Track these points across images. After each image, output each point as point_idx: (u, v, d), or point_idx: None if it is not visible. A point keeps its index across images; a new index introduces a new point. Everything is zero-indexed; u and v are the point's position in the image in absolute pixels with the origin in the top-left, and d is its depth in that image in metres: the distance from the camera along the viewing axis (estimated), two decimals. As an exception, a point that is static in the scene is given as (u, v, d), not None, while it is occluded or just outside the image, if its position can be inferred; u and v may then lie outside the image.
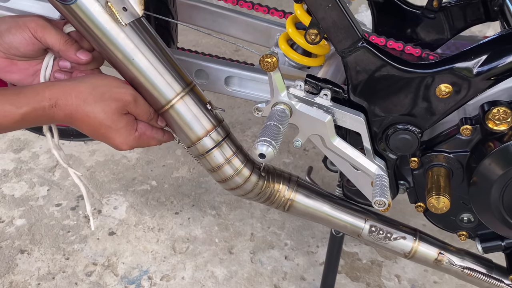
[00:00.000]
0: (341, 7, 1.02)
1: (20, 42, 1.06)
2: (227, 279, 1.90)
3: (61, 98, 1.00)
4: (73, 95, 1.01)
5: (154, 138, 1.13)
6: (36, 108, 0.98)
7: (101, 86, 1.04)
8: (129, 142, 1.09)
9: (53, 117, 1.02)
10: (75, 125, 1.06)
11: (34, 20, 1.06)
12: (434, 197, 1.09)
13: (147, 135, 1.11)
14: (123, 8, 1.00)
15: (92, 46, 1.12)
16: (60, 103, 1.00)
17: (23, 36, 1.06)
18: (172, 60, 1.09)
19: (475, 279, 1.24)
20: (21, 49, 1.08)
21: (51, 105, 1.00)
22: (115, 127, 1.06)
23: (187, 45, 3.10)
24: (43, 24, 1.06)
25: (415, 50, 1.29)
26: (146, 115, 1.10)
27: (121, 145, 1.09)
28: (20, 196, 2.23)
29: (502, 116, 1.02)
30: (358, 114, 1.09)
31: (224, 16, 1.66)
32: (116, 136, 1.07)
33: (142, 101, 1.08)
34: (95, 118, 1.04)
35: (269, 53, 1.03)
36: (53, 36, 1.07)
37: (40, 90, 1.00)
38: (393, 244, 1.25)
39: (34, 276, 1.88)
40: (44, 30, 1.06)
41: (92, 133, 1.07)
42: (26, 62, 1.12)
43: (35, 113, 0.99)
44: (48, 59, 1.13)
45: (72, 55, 1.09)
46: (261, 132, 1.00)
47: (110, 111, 1.04)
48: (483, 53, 1.00)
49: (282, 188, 1.23)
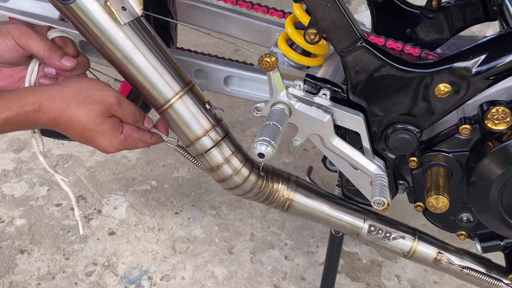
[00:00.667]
0: (340, 6, 1.02)
1: (3, 49, 1.07)
2: (227, 279, 1.90)
3: (44, 102, 1.00)
4: (57, 100, 1.01)
5: (141, 140, 1.13)
6: (18, 113, 0.98)
7: (85, 89, 1.04)
8: (115, 144, 1.09)
9: (37, 121, 1.01)
10: (60, 129, 1.05)
11: (17, 27, 1.06)
12: (433, 197, 1.09)
13: (133, 137, 1.11)
14: (122, 7, 1.00)
15: (76, 52, 1.13)
16: (44, 108, 1.00)
17: (6, 43, 1.06)
18: (171, 59, 1.09)
19: (474, 279, 1.24)
20: (5, 56, 1.08)
21: (34, 109, 0.99)
22: (100, 130, 1.05)
23: (187, 45, 3.10)
24: (26, 31, 1.07)
25: (415, 50, 1.29)
26: (131, 117, 1.10)
27: (107, 148, 1.09)
28: (20, 196, 2.23)
29: (501, 115, 1.02)
30: (357, 114, 1.09)
31: (223, 16, 1.66)
32: (101, 139, 1.07)
33: (126, 103, 1.08)
34: (79, 121, 1.03)
35: (268, 52, 1.03)
36: (36, 43, 1.07)
37: (23, 95, 0.99)
38: (392, 244, 1.25)
39: (34, 276, 1.88)
40: (27, 37, 1.07)
41: (77, 136, 1.07)
42: (11, 69, 1.12)
43: (17, 118, 0.99)
44: (33, 65, 1.13)
45: (57, 62, 1.09)
46: (260, 131, 1.00)
47: (94, 114, 1.04)
48: (482, 53, 1.00)
49: (281, 188, 1.23)
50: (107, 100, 1.05)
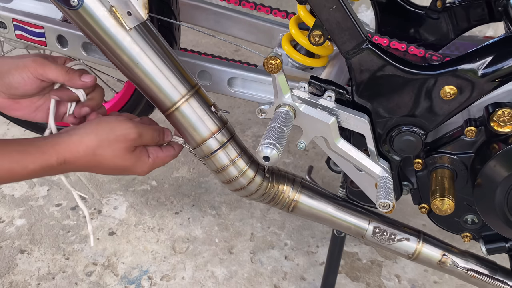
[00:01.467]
0: (345, 8, 1.01)
1: (19, 82, 1.09)
2: (227, 279, 1.90)
3: (68, 156, 1.02)
4: (81, 150, 1.03)
5: (168, 156, 1.15)
6: (43, 166, 1.00)
7: (105, 133, 1.05)
8: (146, 169, 1.12)
9: (64, 170, 1.05)
10: (91, 171, 1.09)
11: (33, 60, 1.09)
12: (439, 199, 1.09)
13: (160, 157, 1.13)
14: (128, 12, 1.00)
15: (95, 79, 1.15)
16: (69, 160, 1.02)
17: (23, 76, 1.08)
18: (177, 62, 1.09)
19: (479, 281, 1.23)
20: (21, 89, 1.10)
21: (60, 163, 1.01)
22: (129, 163, 1.09)
23: (187, 45, 3.10)
24: (42, 62, 1.09)
25: (419, 51, 1.29)
26: (153, 141, 1.12)
27: (141, 173, 1.13)
28: (20, 196, 2.23)
29: (507, 117, 1.02)
30: (362, 116, 1.09)
31: (226, 17, 1.65)
32: (133, 169, 1.11)
33: (146, 131, 1.10)
34: (108, 163, 1.06)
35: (273, 55, 1.03)
36: (53, 70, 1.09)
37: (46, 150, 1.00)
38: (397, 246, 1.25)
39: (34, 276, 1.88)
40: (44, 66, 1.09)
41: (110, 173, 1.11)
42: (28, 100, 1.14)
43: (43, 170, 1.00)
44: (53, 106, 1.16)
45: (78, 81, 1.11)
46: (266, 134, 0.99)
47: (120, 153, 1.06)
48: (488, 55, 1.00)
49: (286, 189, 1.23)
50: (129, 138, 1.06)
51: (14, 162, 0.96)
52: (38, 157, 0.99)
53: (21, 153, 0.98)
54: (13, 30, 1.60)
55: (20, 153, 0.98)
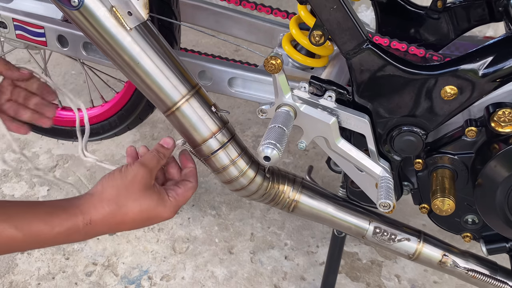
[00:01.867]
0: (346, 8, 1.01)
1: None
2: (227, 279, 1.90)
3: (94, 214, 1.01)
4: (105, 206, 1.02)
5: (187, 190, 1.12)
6: (69, 228, 0.98)
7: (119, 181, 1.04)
8: (172, 209, 1.09)
9: (87, 234, 1.02)
10: (116, 230, 1.07)
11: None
12: (439, 199, 1.09)
13: (180, 194, 1.10)
14: (128, 12, 1.00)
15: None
16: (95, 220, 1.01)
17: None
18: (177, 62, 1.09)
19: (480, 281, 1.23)
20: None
21: (85, 223, 1.00)
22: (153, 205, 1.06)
23: (187, 45, 3.10)
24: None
25: (419, 51, 1.29)
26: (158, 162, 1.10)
27: (169, 215, 1.09)
28: (20, 196, 2.23)
29: (507, 118, 1.02)
30: (363, 116, 1.09)
31: (226, 17, 1.66)
32: (158, 213, 1.07)
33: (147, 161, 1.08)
34: (133, 211, 1.04)
35: (274, 55, 1.03)
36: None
37: (72, 210, 0.99)
38: (397, 246, 1.25)
39: (34, 276, 1.88)
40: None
41: (138, 224, 1.08)
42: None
43: (67, 233, 0.98)
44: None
45: (15, 72, 1.21)
46: (266, 134, 0.99)
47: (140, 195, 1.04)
48: (489, 55, 1.00)
49: (286, 190, 1.23)
50: (140, 175, 1.05)
51: (44, 224, 0.95)
52: (64, 219, 0.97)
53: (50, 214, 0.97)
54: (14, 30, 1.61)
55: (49, 214, 0.97)
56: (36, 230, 0.94)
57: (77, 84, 3.02)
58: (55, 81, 2.68)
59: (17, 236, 0.92)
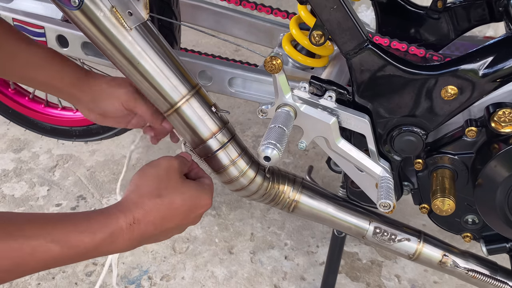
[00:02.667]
0: (346, 8, 1.01)
1: (110, 110, 1.21)
2: (227, 279, 1.90)
3: (136, 211, 0.96)
4: (146, 200, 0.98)
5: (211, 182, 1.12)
6: (113, 231, 0.91)
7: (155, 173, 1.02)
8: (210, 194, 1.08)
9: (133, 234, 0.95)
10: (165, 225, 1.01)
11: (126, 93, 1.19)
12: (439, 199, 1.09)
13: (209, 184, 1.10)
14: (128, 12, 1.00)
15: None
16: (139, 217, 0.95)
17: (114, 105, 1.20)
18: (177, 62, 1.09)
19: (480, 281, 1.23)
20: (111, 114, 1.22)
21: (129, 222, 0.94)
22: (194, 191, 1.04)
23: (187, 45, 3.09)
24: (135, 97, 1.19)
25: (419, 51, 1.29)
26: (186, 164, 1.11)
27: (209, 203, 1.08)
28: (20, 196, 2.22)
29: (507, 118, 1.02)
30: (363, 116, 1.09)
31: (227, 17, 1.66)
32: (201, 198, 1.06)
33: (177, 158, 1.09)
34: (177, 200, 1.01)
35: (274, 55, 1.03)
36: (143, 107, 1.20)
37: (111, 212, 0.94)
38: (398, 246, 1.25)
39: (34, 276, 1.87)
40: (135, 102, 1.19)
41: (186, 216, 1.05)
42: (115, 117, 1.24)
43: (111, 239, 0.91)
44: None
45: (158, 125, 1.23)
46: (266, 134, 0.99)
47: (179, 183, 1.03)
48: (489, 55, 1.00)
49: (287, 190, 1.22)
50: (173, 165, 1.04)
51: (81, 232, 0.87)
52: (104, 222, 0.90)
53: (87, 220, 0.90)
54: (14, 30, 1.61)
55: (86, 220, 0.90)
56: (75, 241, 0.86)
57: (77, 84, 3.02)
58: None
59: (55, 250, 0.84)
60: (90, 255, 0.90)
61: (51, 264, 0.85)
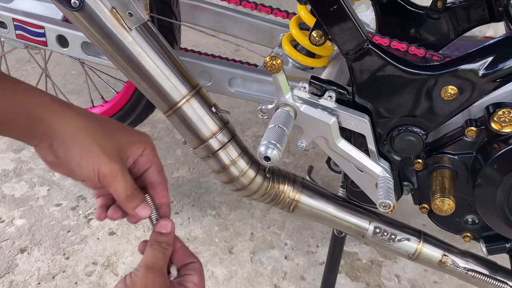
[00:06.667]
0: (346, 8, 1.01)
1: (85, 177, 0.95)
2: (227, 279, 1.90)
3: None
4: None
5: (201, 273, 1.01)
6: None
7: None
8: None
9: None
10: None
11: (107, 166, 0.93)
12: (439, 199, 1.09)
13: (197, 283, 0.98)
14: (129, 13, 1.00)
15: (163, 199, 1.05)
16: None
17: (89, 175, 0.93)
18: (178, 63, 1.09)
19: (480, 281, 1.23)
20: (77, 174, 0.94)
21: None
22: None
23: (187, 45, 3.10)
24: (115, 173, 0.94)
25: (419, 51, 1.29)
26: (165, 257, 0.99)
27: None
28: (20, 196, 2.23)
29: (507, 118, 1.02)
30: (363, 116, 1.08)
31: (227, 17, 1.66)
32: None
33: (150, 258, 0.96)
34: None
35: (274, 55, 1.03)
36: (119, 187, 0.95)
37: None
38: (397, 246, 1.25)
39: (34, 276, 1.88)
40: (114, 178, 0.94)
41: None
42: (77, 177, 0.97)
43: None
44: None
45: (130, 210, 0.98)
46: (266, 134, 0.99)
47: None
48: (489, 55, 1.00)
49: (287, 189, 1.22)
50: (151, 283, 0.91)
51: None
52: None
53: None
54: (14, 30, 1.61)
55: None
56: None
57: (77, 84, 3.02)
58: (55, 81, 2.69)
59: None
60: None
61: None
